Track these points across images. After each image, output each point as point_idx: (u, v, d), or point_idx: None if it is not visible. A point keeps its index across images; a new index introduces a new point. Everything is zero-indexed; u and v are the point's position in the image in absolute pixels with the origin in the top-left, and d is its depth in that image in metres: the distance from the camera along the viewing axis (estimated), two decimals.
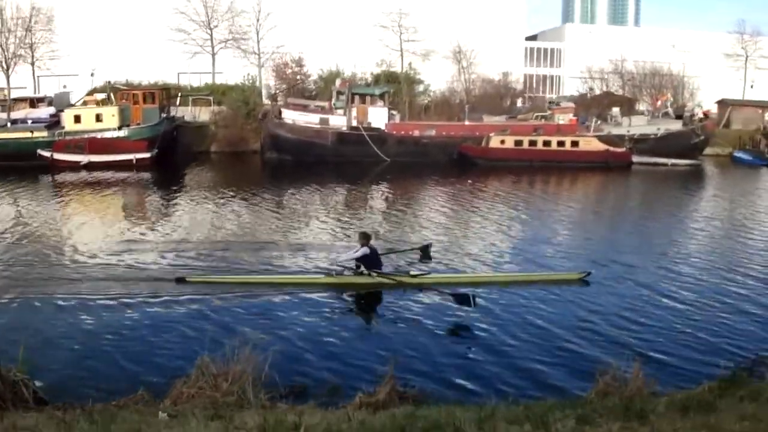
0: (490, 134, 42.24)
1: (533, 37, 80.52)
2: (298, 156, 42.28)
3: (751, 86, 66.40)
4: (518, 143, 42.03)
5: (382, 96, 44.28)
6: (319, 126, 42.76)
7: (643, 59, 62.74)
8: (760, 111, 58.05)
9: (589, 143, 42.40)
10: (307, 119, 42.99)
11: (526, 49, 73.49)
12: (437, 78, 57.03)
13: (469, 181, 34.98)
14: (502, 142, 42.03)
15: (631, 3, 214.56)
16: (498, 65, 61.23)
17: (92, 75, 52.49)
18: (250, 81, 52.10)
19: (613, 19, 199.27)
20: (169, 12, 57.89)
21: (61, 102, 49.10)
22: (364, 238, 15.30)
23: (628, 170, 42.95)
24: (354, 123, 42.96)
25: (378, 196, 32.90)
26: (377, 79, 50.43)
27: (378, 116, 43.38)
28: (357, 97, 43.81)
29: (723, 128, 56.97)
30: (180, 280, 14.84)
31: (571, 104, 47.84)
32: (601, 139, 43.25)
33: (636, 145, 44.15)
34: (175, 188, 33.79)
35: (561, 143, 42.19)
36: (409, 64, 54.61)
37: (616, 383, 8.87)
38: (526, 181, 37.74)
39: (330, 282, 15.02)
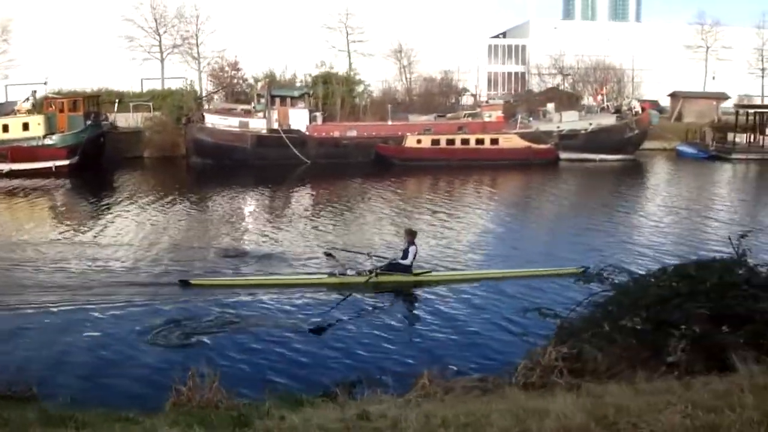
0: (407, 134, 41.69)
1: (503, 35, 79.77)
2: (219, 160, 42.17)
3: (713, 78, 64.92)
4: (435, 142, 41.42)
5: (302, 97, 43.99)
6: (238, 129, 42.63)
7: (603, 54, 61.51)
8: (714, 103, 56.70)
9: (510, 141, 41.63)
10: (227, 123, 42.86)
11: (489, 46, 72.67)
12: (383, 77, 56.54)
13: (388, 183, 34.86)
14: (419, 141, 41.47)
15: None
16: (457, 63, 60.39)
17: (45, 83, 53.05)
18: (190, 86, 52.22)
19: (615, 14, 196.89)
20: (119, 19, 58.42)
21: (4, 111, 49.80)
22: (411, 234, 15.28)
23: (555, 167, 42.10)
24: (275, 125, 42.71)
25: (290, 200, 32.57)
26: (315, 81, 50.06)
27: (299, 118, 43.10)
28: (278, 100, 43.54)
29: (675, 121, 55.88)
30: (184, 283, 14.94)
31: (500, 101, 47.07)
32: (525, 136, 42.46)
33: (565, 141, 43.32)
34: (87, 194, 34.51)
35: (480, 141, 41.50)
36: (350, 64, 54.18)
37: (191, 392, 8.56)
38: (443, 181, 37.08)
39: (333, 282, 15.05)
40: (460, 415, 6.35)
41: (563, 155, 42.74)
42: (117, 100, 51.18)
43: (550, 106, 46.92)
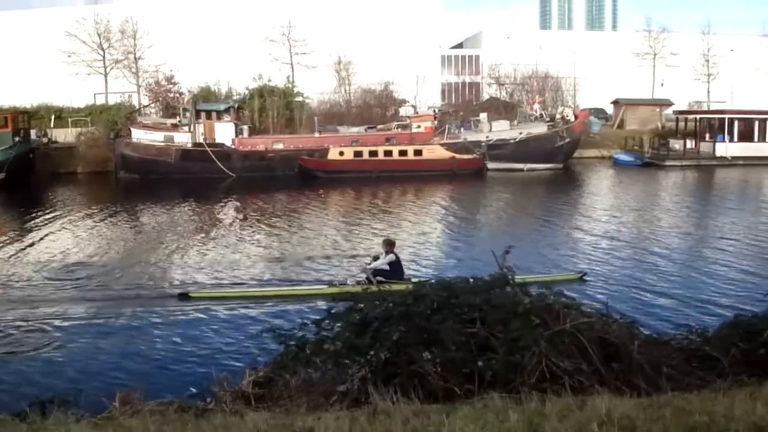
0: (330, 146, 41.54)
1: (459, 45, 79.97)
2: (144, 174, 42.03)
3: (662, 84, 64.95)
4: (358, 154, 41.20)
5: (228, 111, 43.87)
6: (163, 143, 42.47)
7: (551, 62, 61.48)
8: (657, 109, 56.70)
9: (434, 152, 41.44)
10: (152, 137, 42.71)
11: (443, 57, 72.74)
12: (326, 89, 56.45)
13: (320, 192, 35.03)
14: (341, 153, 41.25)
15: (608, 8, 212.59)
16: (402, 74, 60.21)
17: None
18: (127, 100, 52.12)
19: (591, 24, 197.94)
20: (63, 35, 58.38)
21: None
22: (389, 245, 15.24)
23: (480, 177, 41.83)
24: (200, 139, 42.57)
25: (212, 215, 31.71)
26: (251, 94, 49.92)
27: (225, 131, 42.98)
28: (204, 114, 43.42)
29: (618, 128, 55.88)
30: (183, 296, 14.89)
31: (430, 112, 46.89)
32: (451, 146, 42.29)
33: (493, 150, 43.12)
34: (8, 211, 34.23)
35: (403, 153, 41.28)
36: (287, 77, 54.04)
37: None
38: (364, 193, 36.71)
39: (333, 292, 14.68)
40: None
41: (491, 165, 42.54)
42: (53, 116, 51.09)
43: (483, 115, 46.72)
